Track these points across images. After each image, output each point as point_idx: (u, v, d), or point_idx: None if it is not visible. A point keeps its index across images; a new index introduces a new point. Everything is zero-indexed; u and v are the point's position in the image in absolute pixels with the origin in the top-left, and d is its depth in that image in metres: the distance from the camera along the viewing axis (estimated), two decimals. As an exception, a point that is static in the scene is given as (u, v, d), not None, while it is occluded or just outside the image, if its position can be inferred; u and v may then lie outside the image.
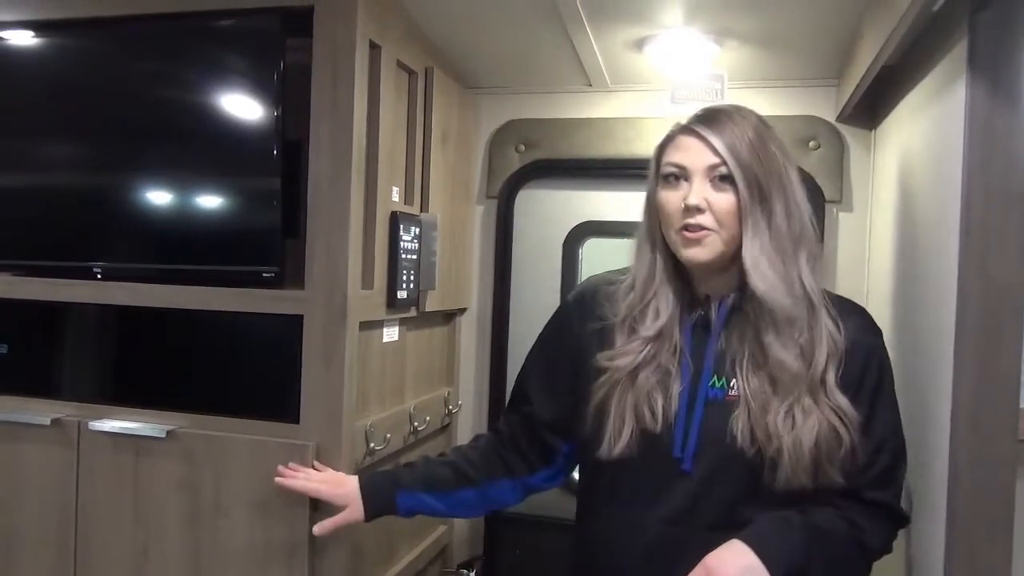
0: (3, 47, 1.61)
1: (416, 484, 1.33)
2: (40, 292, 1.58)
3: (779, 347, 1.07)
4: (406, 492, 1.32)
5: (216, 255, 1.50)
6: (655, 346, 1.14)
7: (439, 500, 1.33)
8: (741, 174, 1.06)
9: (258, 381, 1.49)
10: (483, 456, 1.34)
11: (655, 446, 1.11)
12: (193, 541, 1.47)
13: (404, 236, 1.60)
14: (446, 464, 1.34)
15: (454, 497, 1.33)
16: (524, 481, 1.34)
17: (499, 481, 1.33)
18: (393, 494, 1.32)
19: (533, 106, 2.02)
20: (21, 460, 1.55)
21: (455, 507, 1.35)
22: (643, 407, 1.11)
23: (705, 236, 1.08)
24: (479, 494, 1.33)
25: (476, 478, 1.32)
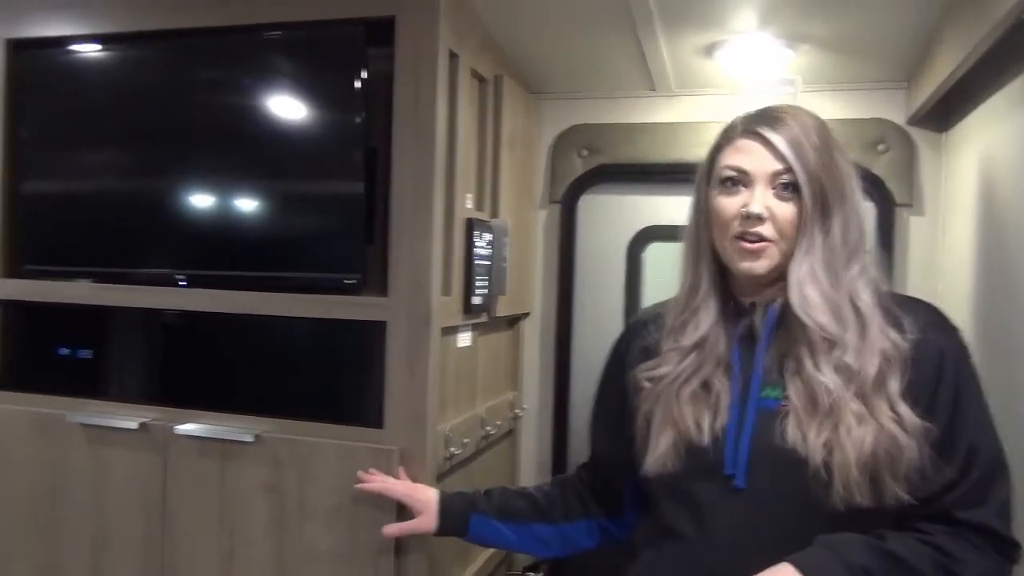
0: (110, 61, 1.65)
1: (491, 511, 1.31)
2: (126, 299, 1.62)
3: (812, 366, 0.99)
4: (479, 516, 1.31)
5: (299, 262, 1.53)
6: (698, 357, 1.08)
7: (512, 531, 1.31)
8: (808, 183, 0.99)
9: (342, 386, 1.52)
10: (562, 494, 1.32)
11: (703, 462, 1.04)
12: (278, 544, 1.49)
13: (478, 242, 1.61)
14: (524, 496, 1.33)
15: (528, 530, 1.31)
16: (601, 524, 1.30)
17: (577, 522, 1.30)
18: (467, 515, 1.32)
19: (596, 111, 2.03)
20: (110, 464, 1.59)
21: (528, 540, 1.32)
22: (687, 420, 1.05)
23: (764, 247, 1.01)
24: (555, 531, 1.30)
25: (553, 515, 1.30)
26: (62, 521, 1.63)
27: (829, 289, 1.00)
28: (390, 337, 1.45)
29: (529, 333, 2.10)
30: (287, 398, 1.52)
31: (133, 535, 1.58)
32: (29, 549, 1.65)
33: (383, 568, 1.43)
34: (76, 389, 1.65)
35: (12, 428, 1.67)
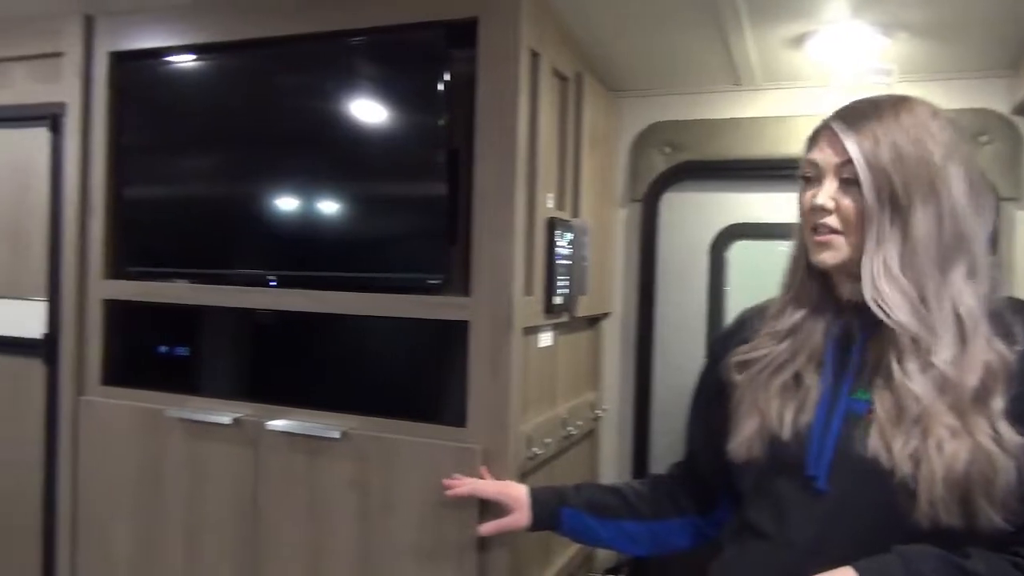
0: (204, 70, 1.72)
1: (581, 504, 1.30)
2: (220, 299, 1.68)
3: (900, 371, 0.95)
4: (570, 510, 1.31)
5: (384, 263, 1.56)
6: (792, 345, 1.06)
7: (602, 526, 1.29)
8: (870, 177, 0.96)
9: (426, 385, 1.54)
10: (653, 492, 1.29)
11: (784, 458, 1.02)
12: (364, 538, 1.52)
13: (559, 242, 1.61)
14: (614, 492, 1.31)
15: (618, 526, 1.29)
16: (695, 523, 1.27)
17: (668, 520, 1.28)
18: (558, 509, 1.31)
19: (678, 107, 1.99)
20: (205, 457, 1.66)
21: (618, 537, 1.30)
22: (772, 411, 1.03)
23: (832, 239, 1.00)
24: (646, 529, 1.28)
25: (644, 512, 1.28)
26: (160, 511, 1.70)
27: (909, 287, 0.96)
28: (473, 337, 1.46)
29: (609, 333, 2.08)
30: (373, 396, 1.55)
31: (226, 526, 1.64)
32: (130, 537, 1.74)
33: (467, 565, 1.44)
34: (174, 385, 1.72)
35: (116, 422, 1.75)
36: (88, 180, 1.81)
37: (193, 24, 1.70)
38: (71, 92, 1.81)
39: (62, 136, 1.83)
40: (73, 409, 1.81)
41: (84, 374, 1.82)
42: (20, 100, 1.88)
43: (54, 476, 1.83)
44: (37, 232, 1.86)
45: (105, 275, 1.81)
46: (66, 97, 1.82)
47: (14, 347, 1.88)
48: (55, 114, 1.83)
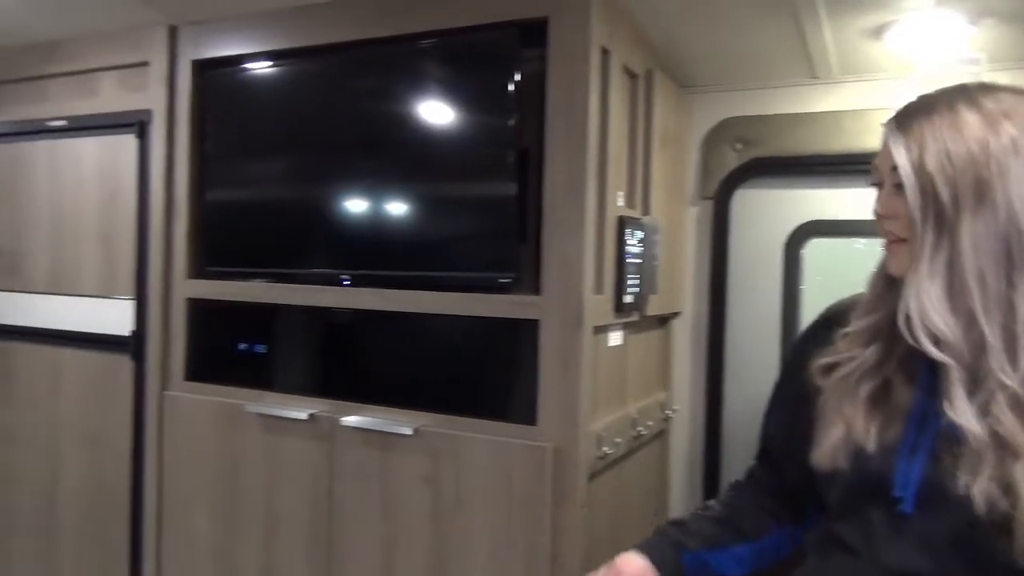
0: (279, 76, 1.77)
1: (698, 545, 1.19)
2: (295, 297, 1.73)
3: (947, 403, 0.86)
4: (690, 554, 1.18)
5: (455, 262, 1.57)
6: (881, 348, 0.97)
7: (715, 558, 1.19)
8: (914, 183, 0.87)
9: (497, 383, 1.54)
10: (752, 508, 1.21)
11: (870, 473, 0.94)
12: (436, 534, 1.54)
13: (629, 240, 1.59)
14: (720, 522, 1.21)
15: (730, 553, 1.19)
16: (791, 533, 1.19)
17: (772, 536, 1.19)
18: (680, 561, 1.17)
19: (750, 103, 1.95)
20: (282, 451, 1.70)
21: (728, 563, 1.20)
22: (857, 419, 0.95)
23: (896, 246, 0.93)
24: (754, 550, 1.19)
25: (750, 533, 1.19)
26: (240, 501, 1.76)
27: (945, 308, 0.87)
28: (543, 335, 1.46)
29: (680, 333, 2.05)
30: (444, 394, 1.57)
31: (301, 517, 1.68)
32: (211, 524, 1.80)
33: (538, 563, 1.44)
34: (252, 381, 1.78)
35: (198, 416, 1.82)
36: (172, 184, 1.89)
37: (270, 31, 1.75)
38: (156, 100, 1.89)
39: (148, 142, 1.91)
40: (158, 403, 1.89)
41: (168, 370, 1.89)
42: (109, 108, 1.97)
43: (141, 464, 1.92)
44: (125, 235, 1.94)
45: (188, 275, 1.88)
46: (152, 104, 1.90)
47: (105, 344, 1.97)
48: (142, 121, 1.92)
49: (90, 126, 2.00)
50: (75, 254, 2.03)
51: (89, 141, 2.01)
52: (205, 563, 1.81)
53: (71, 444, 2.04)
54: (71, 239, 2.03)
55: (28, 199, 2.11)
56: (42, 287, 2.09)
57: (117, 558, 1.95)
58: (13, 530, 2.14)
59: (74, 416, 2.03)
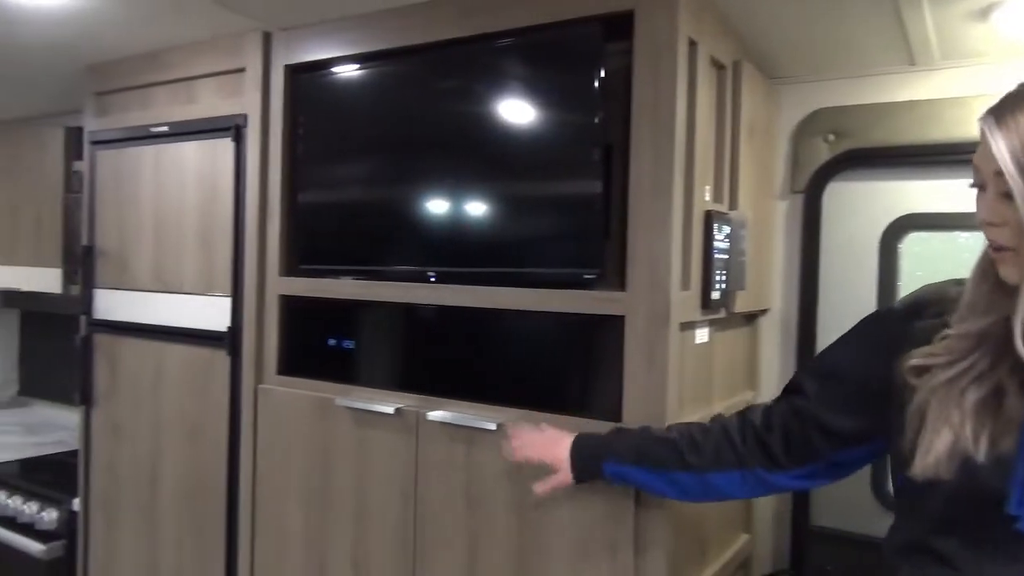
0: (366, 79, 1.81)
1: (628, 455, 1.29)
2: (383, 293, 1.76)
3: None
4: (614, 462, 1.30)
5: (539, 258, 1.57)
6: (989, 351, 0.92)
7: (650, 476, 1.27)
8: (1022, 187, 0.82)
9: (581, 379, 1.54)
10: (714, 442, 1.22)
11: (980, 487, 0.90)
12: (519, 530, 1.55)
13: (717, 235, 1.56)
14: (666, 442, 1.27)
15: (667, 476, 1.26)
16: (761, 476, 1.19)
17: (728, 472, 1.21)
18: (599, 462, 1.32)
19: (843, 92, 1.88)
20: (369, 443, 1.74)
21: (668, 485, 1.27)
22: (967, 430, 0.90)
23: (1005, 255, 0.87)
24: (699, 480, 1.23)
25: (697, 464, 1.22)
26: (329, 492, 1.81)
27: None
28: (628, 331, 1.45)
29: (768, 331, 2.00)
30: (529, 389, 1.57)
31: (388, 509, 1.72)
32: (302, 513, 1.86)
33: (621, 561, 1.43)
34: (342, 376, 1.83)
35: (290, 409, 1.89)
36: (266, 185, 1.96)
37: (357, 35, 1.79)
38: (251, 104, 1.97)
39: (244, 145, 1.99)
40: (253, 396, 1.96)
41: (262, 364, 1.97)
42: (208, 114, 2.06)
43: (236, 455, 2.00)
44: (223, 235, 2.03)
45: (281, 273, 1.94)
46: (247, 109, 1.98)
47: (205, 339, 2.06)
48: (237, 125, 2.00)
49: (190, 131, 2.10)
50: (176, 253, 2.13)
51: (189, 146, 2.10)
52: (296, 550, 1.87)
53: (172, 435, 2.14)
54: (173, 239, 2.14)
55: (134, 202, 2.23)
56: (146, 285, 2.21)
57: (214, 543, 2.04)
58: (119, 515, 2.27)
59: (175, 408, 2.14)
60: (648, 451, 1.28)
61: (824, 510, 1.91)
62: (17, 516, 2.54)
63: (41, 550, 2.41)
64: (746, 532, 1.95)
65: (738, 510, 1.93)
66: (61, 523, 2.44)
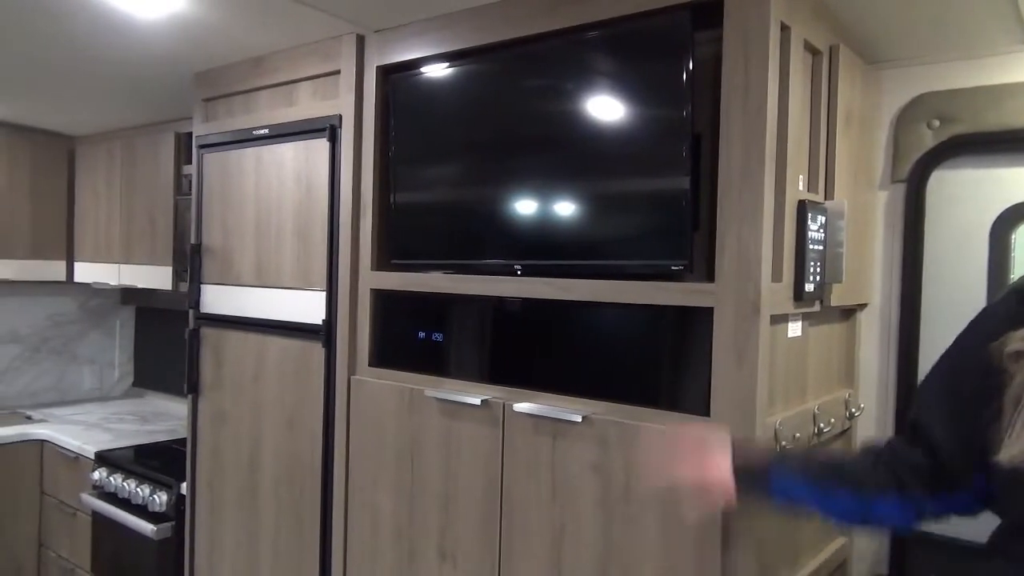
0: (453, 77, 1.85)
1: (796, 467, 1.18)
2: (471, 287, 1.79)
3: None
4: (783, 475, 1.17)
5: (626, 250, 1.57)
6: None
7: (811, 491, 1.16)
8: None
9: (668, 372, 1.52)
10: (873, 463, 1.15)
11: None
12: (605, 522, 1.54)
13: (811, 226, 1.51)
14: (829, 460, 1.22)
15: (830, 494, 1.15)
16: (917, 501, 1.11)
17: (887, 493, 1.12)
18: (767, 474, 1.18)
19: (948, 75, 1.79)
20: (457, 434, 1.78)
21: (829, 505, 1.16)
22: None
23: None
24: (860, 502, 1.14)
25: (860, 482, 1.14)
26: (418, 481, 1.85)
27: None
28: (717, 323, 1.42)
29: (866, 326, 1.91)
30: (615, 382, 1.57)
31: (475, 499, 1.74)
32: (393, 499, 1.91)
33: (709, 558, 1.41)
34: (431, 368, 1.87)
35: (382, 399, 1.94)
36: (360, 183, 2.02)
37: (446, 34, 1.83)
38: (346, 105, 2.04)
39: (338, 145, 2.07)
40: (346, 387, 2.03)
41: (355, 356, 2.03)
42: (305, 115, 2.15)
43: (331, 443, 2.07)
44: (319, 231, 2.11)
45: (374, 267, 2.00)
46: (342, 110, 2.05)
47: (302, 331, 2.15)
48: (332, 126, 2.07)
49: (288, 133, 2.19)
50: (276, 250, 2.23)
51: (287, 147, 2.20)
52: (387, 537, 1.92)
53: (271, 422, 2.24)
54: (272, 237, 2.24)
55: (237, 202, 2.34)
56: (248, 281, 2.32)
57: (309, 526, 2.12)
58: (223, 498, 2.39)
59: (274, 397, 2.23)
60: (813, 465, 1.20)
61: (928, 515, 1.81)
62: (131, 498, 2.72)
63: (152, 530, 2.57)
64: (843, 535, 1.88)
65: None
66: (170, 505, 2.60)
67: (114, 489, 2.80)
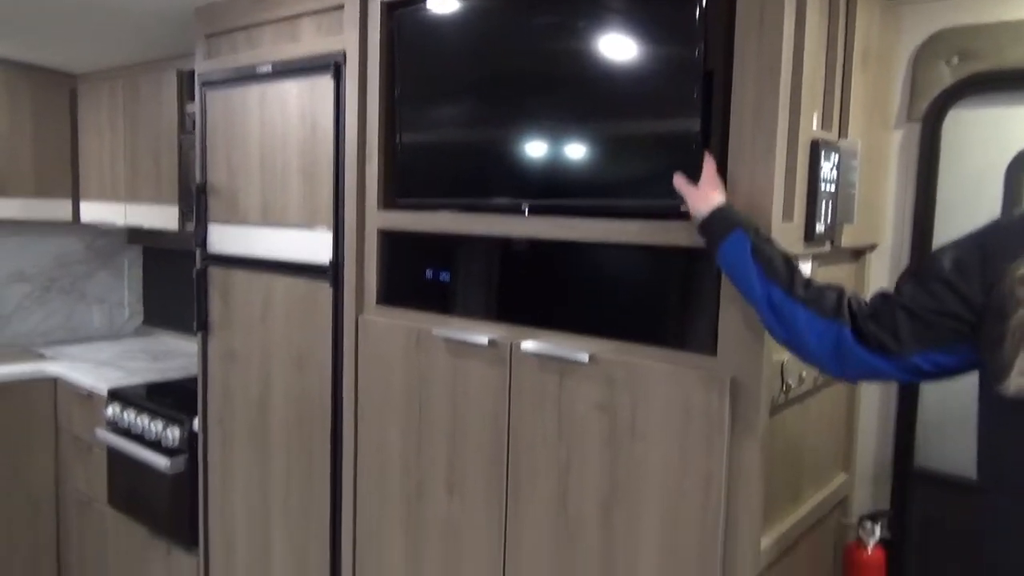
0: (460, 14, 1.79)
1: (759, 241, 1.29)
2: (477, 226, 1.78)
3: None
4: (746, 236, 1.29)
5: (633, 189, 1.55)
6: None
7: (759, 275, 1.27)
8: None
9: (675, 312, 1.52)
10: (821, 288, 1.24)
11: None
12: (610, 461, 1.56)
13: (824, 165, 1.49)
14: (788, 260, 1.28)
15: (770, 286, 1.25)
16: (843, 336, 1.18)
17: (816, 314, 1.21)
18: (734, 226, 1.31)
19: (969, 11, 1.73)
20: (465, 373, 1.79)
21: (764, 295, 1.26)
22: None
23: None
24: (790, 307, 1.23)
25: (799, 294, 1.24)
26: (427, 420, 1.88)
27: None
28: (725, 264, 1.41)
29: (876, 268, 1.90)
30: (622, 321, 1.57)
31: (482, 437, 1.77)
32: (400, 436, 1.94)
33: (714, 495, 1.43)
34: (438, 307, 1.87)
35: (390, 339, 1.95)
36: (365, 121, 1.99)
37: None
38: (350, 41, 1.99)
39: (343, 83, 2.03)
40: (354, 326, 2.04)
41: (363, 296, 2.04)
42: (309, 52, 2.11)
43: (339, 381, 2.10)
44: (324, 170, 2.09)
45: (380, 207, 1.99)
46: (346, 46, 2.01)
47: (309, 271, 2.15)
48: (336, 63, 2.03)
49: (292, 70, 2.16)
50: (281, 189, 2.21)
51: (291, 84, 2.16)
52: (395, 472, 1.96)
53: (280, 361, 2.26)
54: (278, 176, 2.22)
55: (242, 141, 2.32)
56: (254, 220, 2.31)
57: (320, 463, 2.17)
58: (234, 435, 2.43)
59: (282, 336, 2.25)
60: (772, 254, 1.28)
61: (931, 451, 1.83)
62: (145, 434, 2.77)
63: (166, 464, 2.63)
64: (844, 471, 1.91)
65: (838, 447, 1.88)
66: (183, 441, 2.65)
67: (127, 425, 2.85)
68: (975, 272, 1.07)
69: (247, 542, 2.43)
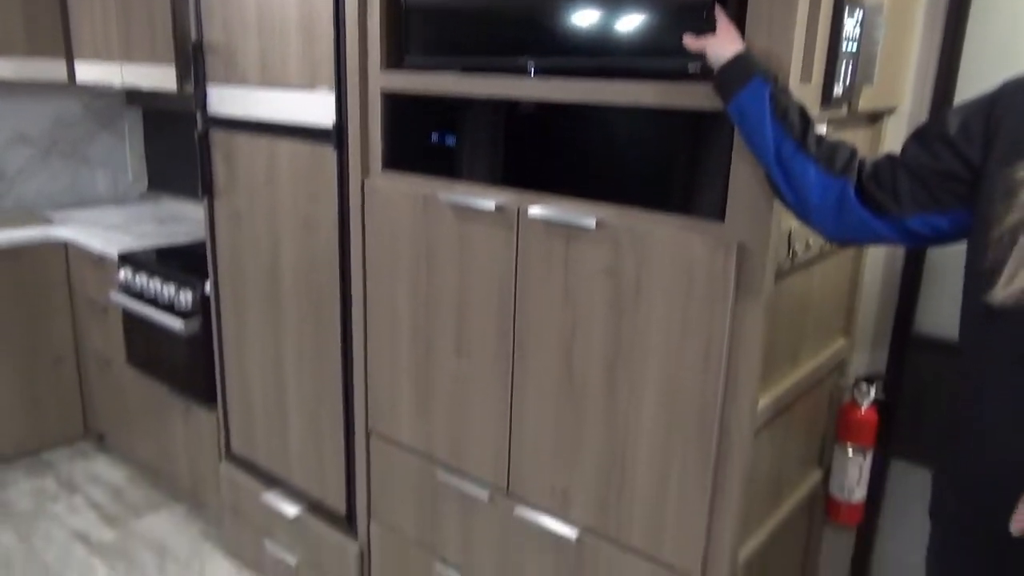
0: None
1: (779, 91, 1.26)
2: (483, 88, 1.73)
3: None
4: (766, 84, 1.25)
5: (641, 49, 1.49)
6: None
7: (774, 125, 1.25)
8: None
9: (684, 177, 1.50)
10: (832, 145, 1.25)
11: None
12: (615, 323, 1.59)
13: (847, 22, 1.42)
14: (804, 114, 1.27)
15: (780, 136, 1.25)
16: (845, 192, 1.20)
17: (822, 169, 1.22)
18: (754, 73, 1.26)
19: None
20: (472, 239, 1.79)
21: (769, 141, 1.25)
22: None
23: None
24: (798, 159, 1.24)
25: (810, 151, 1.24)
26: (435, 284, 1.90)
27: None
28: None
29: (893, 132, 1.85)
30: (630, 187, 1.55)
31: (489, 301, 1.79)
32: (409, 299, 1.97)
33: (715, 356, 1.47)
34: (444, 171, 1.85)
35: (396, 203, 1.94)
36: (364, -29, 1.89)
37: None
38: None
39: (340, -71, 1.90)
40: (360, 190, 2.03)
41: (368, 159, 2.01)
42: None
43: (347, 245, 2.11)
44: (324, 26, 2.00)
45: (383, 67, 1.92)
46: None
47: (312, 134, 2.11)
48: (333, -94, 1.90)
49: (286, -85, 2.02)
50: (280, 47, 2.13)
51: (286, -69, 2.03)
52: (404, 335, 2.01)
53: (287, 225, 2.26)
54: (276, 32, 2.13)
55: (236, -6, 2.21)
56: (254, 80, 2.24)
57: (329, 324, 2.22)
58: (246, 297, 2.48)
59: (288, 200, 2.24)
60: (789, 105, 1.26)
61: (931, 316, 1.86)
62: (158, 297, 2.82)
63: (181, 326, 2.69)
64: (844, 336, 1.94)
65: (840, 313, 1.91)
66: (196, 303, 2.70)
67: (140, 289, 2.90)
68: (978, 135, 1.07)
69: (262, 398, 2.53)
